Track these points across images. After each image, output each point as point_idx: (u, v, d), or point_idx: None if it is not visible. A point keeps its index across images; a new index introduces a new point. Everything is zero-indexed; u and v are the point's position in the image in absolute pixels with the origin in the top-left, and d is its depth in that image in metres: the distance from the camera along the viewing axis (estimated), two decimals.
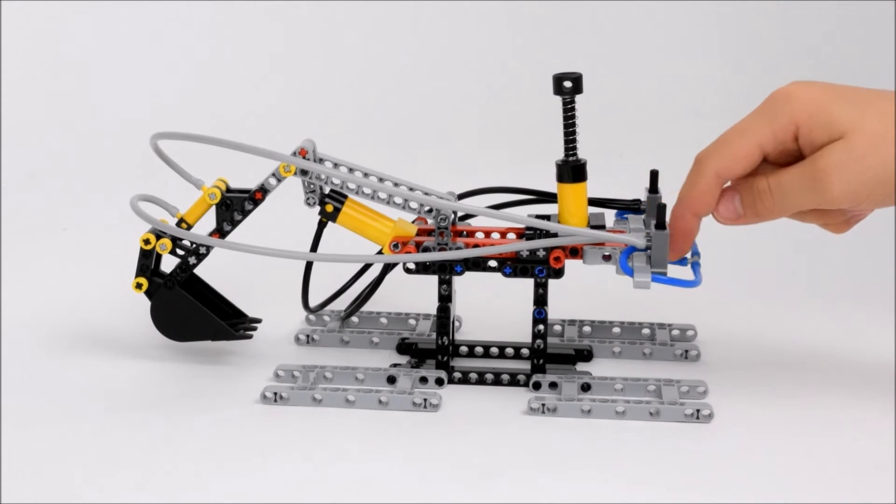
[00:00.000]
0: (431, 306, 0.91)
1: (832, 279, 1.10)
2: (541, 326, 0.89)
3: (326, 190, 0.90)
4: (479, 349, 0.94)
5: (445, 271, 0.88)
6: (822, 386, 0.89)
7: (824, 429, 0.83)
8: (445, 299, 0.89)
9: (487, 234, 0.90)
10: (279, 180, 0.88)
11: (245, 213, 0.89)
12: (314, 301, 0.97)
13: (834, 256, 1.16)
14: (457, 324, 0.98)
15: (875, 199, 0.79)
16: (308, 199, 0.89)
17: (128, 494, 0.75)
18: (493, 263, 0.87)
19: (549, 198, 0.91)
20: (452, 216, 0.88)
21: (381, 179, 0.90)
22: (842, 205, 0.79)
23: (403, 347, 0.95)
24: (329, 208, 0.89)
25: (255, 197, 0.89)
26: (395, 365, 0.92)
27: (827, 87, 0.80)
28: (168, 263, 0.92)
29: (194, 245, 0.90)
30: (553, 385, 0.88)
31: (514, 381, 0.90)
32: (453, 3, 1.61)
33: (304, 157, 0.87)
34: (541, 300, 0.88)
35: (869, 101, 0.79)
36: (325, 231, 0.92)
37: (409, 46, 1.61)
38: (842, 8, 1.66)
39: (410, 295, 1.01)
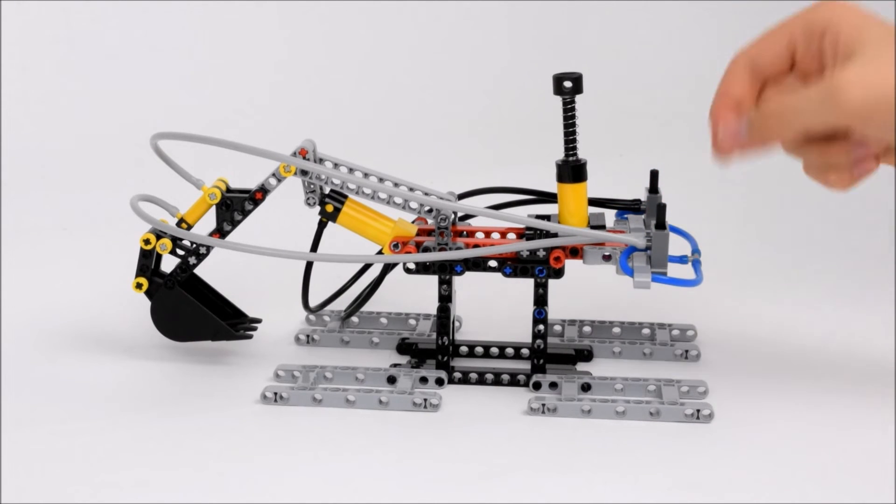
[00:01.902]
0: (431, 306, 0.91)
1: (832, 279, 1.10)
2: (541, 326, 0.89)
3: (326, 190, 0.90)
4: (479, 349, 0.94)
5: (445, 271, 0.88)
6: (822, 386, 0.89)
7: (824, 428, 0.83)
8: (445, 299, 0.89)
9: (487, 234, 0.90)
10: (279, 180, 0.88)
11: (245, 213, 0.89)
12: (314, 301, 0.97)
13: (834, 256, 1.16)
14: (457, 324, 0.98)
15: (888, 118, 0.75)
16: (308, 199, 0.89)
17: (128, 494, 0.75)
18: (493, 263, 0.87)
19: (549, 198, 0.91)
20: (452, 216, 0.88)
21: (381, 179, 0.90)
22: (854, 119, 0.75)
23: (403, 347, 0.95)
24: (329, 208, 0.89)
25: (255, 197, 0.89)
26: (395, 365, 0.92)
27: (866, 11, 0.79)
28: (168, 263, 0.92)
29: (194, 245, 0.90)
30: (553, 385, 0.88)
31: (514, 381, 0.90)
32: (454, 3, 1.61)
33: (304, 158, 0.87)
34: (541, 300, 0.88)
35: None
36: (326, 231, 0.92)
37: (410, 46, 1.61)
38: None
39: (410, 295, 1.01)
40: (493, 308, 1.01)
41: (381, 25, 1.60)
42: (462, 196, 0.92)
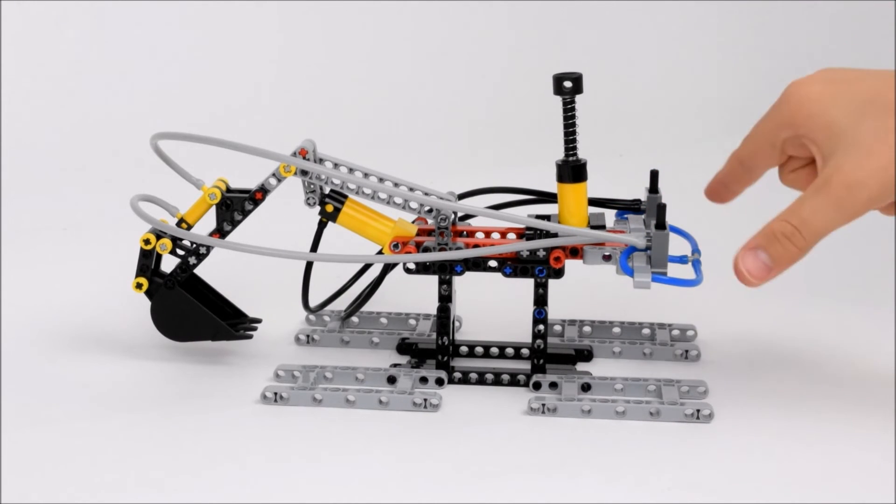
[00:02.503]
0: (431, 306, 0.91)
1: (833, 279, 1.10)
2: (541, 326, 0.89)
3: (326, 190, 0.90)
4: (479, 349, 0.94)
5: (445, 271, 0.88)
6: (822, 385, 0.89)
7: (824, 428, 0.83)
8: (445, 299, 0.89)
9: (487, 234, 0.90)
10: (279, 180, 0.88)
11: (245, 213, 0.89)
12: (314, 301, 0.97)
13: (834, 256, 1.16)
14: (457, 324, 0.98)
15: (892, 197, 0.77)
16: (308, 199, 0.89)
17: (128, 495, 0.75)
18: (493, 263, 0.87)
19: (549, 198, 0.91)
20: (452, 216, 0.88)
21: (381, 179, 0.90)
22: (872, 207, 0.77)
23: (403, 347, 0.95)
24: (329, 208, 0.89)
25: (256, 197, 0.89)
26: (395, 365, 0.92)
27: (826, 83, 0.79)
28: (168, 263, 0.92)
29: (194, 245, 0.90)
30: (553, 385, 0.88)
31: (514, 381, 0.90)
32: (454, 3, 1.61)
33: (304, 158, 0.87)
34: (541, 300, 0.88)
35: (866, 90, 0.78)
36: (326, 231, 0.92)
37: (410, 46, 1.61)
38: (842, 8, 1.66)
39: (410, 295, 1.01)
40: (493, 308, 1.01)
41: (381, 25, 1.60)
42: (462, 196, 0.92)
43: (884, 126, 0.76)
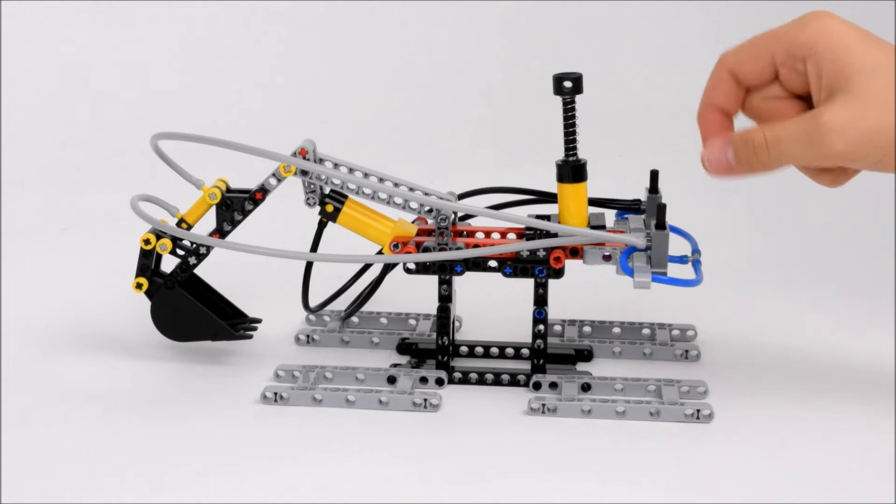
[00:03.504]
0: (431, 306, 0.91)
1: (833, 279, 1.10)
2: (541, 326, 0.89)
3: (326, 190, 0.90)
4: (479, 349, 0.94)
5: (445, 271, 0.88)
6: (822, 385, 0.89)
7: (824, 428, 0.83)
8: (445, 299, 0.89)
9: (487, 234, 0.90)
10: (279, 180, 0.88)
11: (245, 214, 0.89)
12: (314, 301, 0.97)
13: (834, 256, 1.16)
14: (457, 324, 0.98)
15: (872, 159, 0.76)
16: (308, 199, 0.89)
17: (128, 494, 0.75)
18: (493, 263, 0.87)
19: (549, 198, 0.91)
20: (452, 216, 0.88)
21: (381, 179, 0.90)
22: (839, 162, 0.77)
23: (403, 347, 0.95)
24: (329, 208, 0.89)
25: (256, 197, 0.89)
26: (395, 365, 0.92)
27: (856, 29, 0.78)
28: (168, 263, 0.92)
29: (194, 245, 0.90)
30: (553, 385, 0.88)
31: (514, 381, 0.90)
32: (454, 3, 1.61)
33: (304, 158, 0.87)
34: (541, 300, 0.88)
35: (888, 55, 0.77)
36: (326, 231, 0.92)
37: (410, 46, 1.61)
38: (842, 8, 1.66)
39: (410, 295, 1.01)
40: (493, 308, 1.01)
41: (381, 25, 1.60)
42: (462, 196, 0.92)
43: (888, 94, 0.76)
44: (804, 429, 0.83)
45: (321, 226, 0.92)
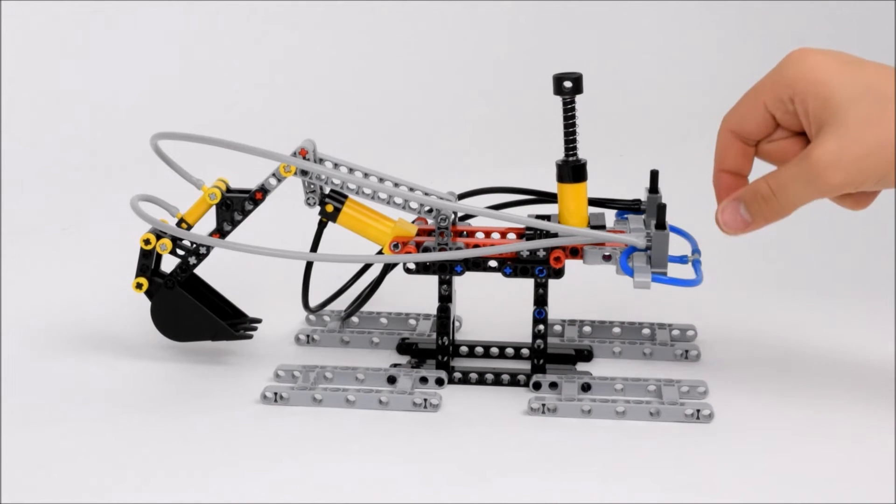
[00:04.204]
0: (431, 306, 0.91)
1: (833, 278, 1.10)
2: (541, 326, 0.89)
3: (327, 190, 0.90)
4: (479, 349, 0.94)
5: (445, 271, 0.88)
6: (822, 385, 0.89)
7: (824, 428, 0.83)
8: (445, 299, 0.89)
9: (487, 234, 0.90)
10: (279, 180, 0.88)
11: (245, 214, 0.89)
12: (314, 301, 0.97)
13: (834, 256, 1.16)
14: (457, 324, 0.98)
15: (873, 180, 0.78)
16: (308, 199, 0.89)
17: (128, 494, 0.75)
18: (493, 263, 0.87)
19: (549, 198, 0.91)
20: (452, 216, 0.88)
21: (381, 179, 0.90)
22: (843, 191, 0.78)
23: (403, 347, 0.95)
24: (329, 208, 0.89)
25: (256, 197, 0.89)
26: (395, 365, 0.92)
27: (834, 58, 0.79)
28: (168, 263, 0.92)
29: (194, 245, 0.90)
30: (553, 385, 0.88)
31: (514, 381, 0.90)
32: (454, 3, 1.61)
33: (304, 158, 0.87)
34: (541, 300, 0.88)
35: (871, 76, 0.78)
36: (326, 231, 0.92)
37: (410, 46, 1.61)
38: (842, 8, 1.66)
39: (410, 295, 1.01)
40: (493, 308, 1.01)
41: (381, 25, 1.60)
42: (462, 196, 0.92)
43: (876, 115, 0.77)
44: (804, 429, 0.83)
45: (321, 226, 0.92)
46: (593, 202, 0.89)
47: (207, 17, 1.55)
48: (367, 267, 0.99)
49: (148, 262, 0.90)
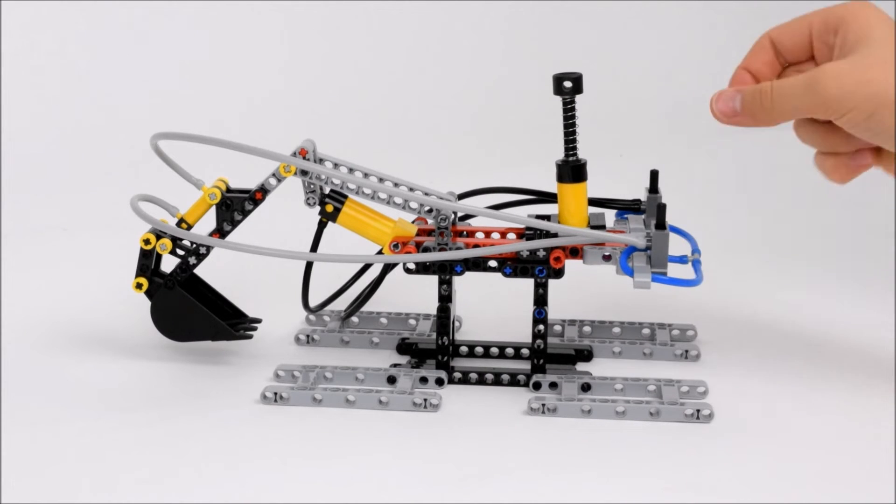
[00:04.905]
0: (431, 306, 0.91)
1: (833, 278, 1.10)
2: (541, 326, 0.89)
3: (326, 190, 0.90)
4: (479, 349, 0.94)
5: (445, 271, 0.88)
6: (822, 386, 0.89)
7: (824, 428, 0.83)
8: (445, 299, 0.89)
9: (487, 234, 0.90)
10: (279, 180, 0.88)
11: (245, 213, 0.89)
12: (314, 301, 0.97)
13: (834, 256, 1.16)
14: (457, 324, 0.98)
15: (863, 111, 0.79)
16: (308, 199, 0.89)
17: (128, 494, 0.75)
18: (493, 263, 0.87)
19: (549, 198, 0.91)
20: (452, 216, 0.88)
21: (381, 179, 0.90)
22: (830, 109, 0.80)
23: (403, 347, 0.95)
24: (329, 208, 0.89)
25: (255, 197, 0.89)
26: (395, 365, 0.92)
27: (889, 19, 0.82)
28: (168, 263, 0.92)
29: (194, 245, 0.90)
30: (553, 385, 0.88)
31: (514, 381, 0.90)
32: (454, 3, 1.61)
33: (304, 158, 0.87)
34: (541, 300, 0.88)
35: None
36: (326, 231, 0.92)
37: (409, 46, 1.61)
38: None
39: (410, 295, 1.01)
40: (493, 308, 1.01)
41: (381, 25, 1.60)
42: (462, 196, 0.92)
43: (892, 59, 0.79)
44: (804, 428, 0.83)
45: (321, 226, 0.92)
46: (593, 202, 0.89)
47: (208, 17, 1.55)
48: (366, 267, 0.99)
49: (148, 262, 0.90)
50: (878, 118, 0.79)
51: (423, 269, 0.88)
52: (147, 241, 0.90)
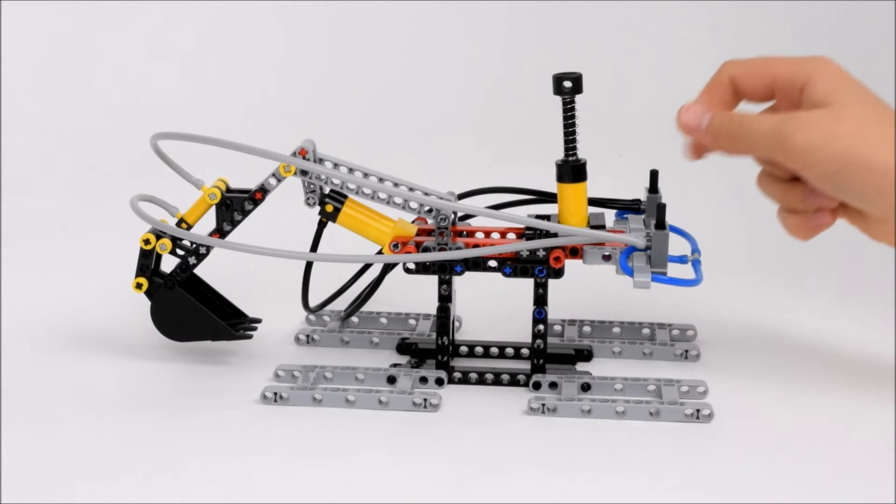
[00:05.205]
0: (431, 306, 0.91)
1: (833, 278, 1.10)
2: (541, 326, 0.89)
3: (326, 190, 0.90)
4: (479, 349, 0.94)
5: (445, 271, 0.88)
6: (822, 385, 0.89)
7: (824, 428, 0.83)
8: (445, 299, 0.89)
9: (487, 234, 0.90)
10: (279, 180, 0.88)
11: (245, 213, 0.89)
12: (314, 301, 0.97)
13: (835, 256, 1.16)
14: (457, 324, 0.98)
15: (828, 167, 0.79)
16: (308, 199, 0.89)
17: (128, 494, 0.75)
18: (493, 263, 0.87)
19: (549, 198, 0.91)
20: (452, 216, 0.88)
21: (381, 179, 0.90)
22: (795, 158, 0.79)
23: (403, 347, 0.95)
24: (329, 208, 0.89)
25: (255, 197, 0.89)
26: (395, 365, 0.92)
27: (854, 78, 0.82)
28: (168, 263, 0.92)
29: (194, 245, 0.90)
30: (553, 385, 0.88)
31: (514, 381, 0.90)
32: (454, 3, 1.61)
33: (304, 158, 0.87)
34: (541, 300, 0.88)
35: (880, 103, 0.81)
36: (326, 231, 0.92)
37: (409, 46, 1.61)
38: (842, 8, 1.66)
39: (410, 295, 1.01)
40: (493, 308, 1.01)
41: (380, 25, 1.60)
42: (462, 196, 0.92)
43: (869, 123, 0.79)
44: (804, 428, 0.83)
45: (321, 226, 0.92)
46: (593, 202, 0.89)
47: (208, 16, 1.55)
48: (366, 267, 0.99)
49: (148, 262, 0.90)
50: (845, 176, 0.79)
51: (422, 269, 0.88)
52: (147, 241, 0.90)
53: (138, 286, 0.90)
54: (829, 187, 0.81)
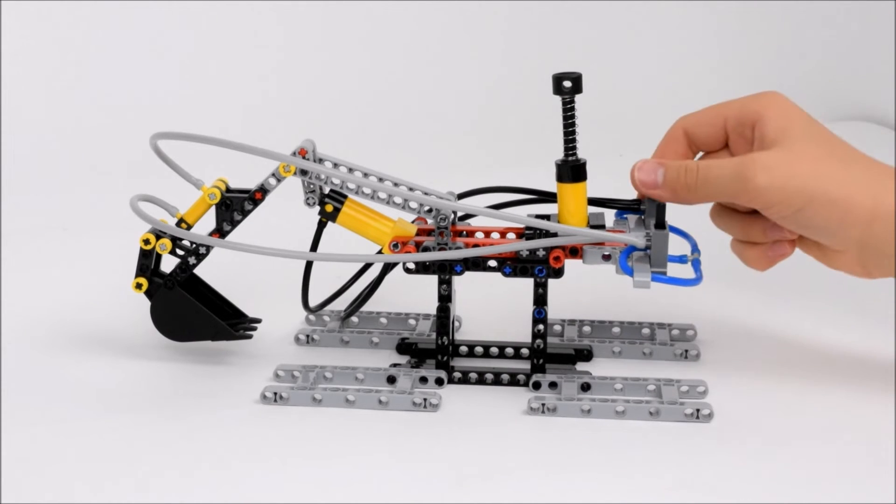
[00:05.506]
0: (431, 306, 0.91)
1: (833, 278, 1.10)
2: (541, 326, 0.89)
3: (326, 190, 0.90)
4: (479, 349, 0.94)
5: (445, 271, 0.88)
6: (822, 385, 0.89)
7: (824, 428, 0.83)
8: (445, 299, 0.89)
9: (487, 233, 0.90)
10: (279, 180, 0.88)
11: (245, 213, 0.89)
12: (314, 301, 0.97)
13: None
14: (457, 324, 0.98)
15: (790, 205, 0.80)
16: (308, 199, 0.89)
17: (127, 494, 0.75)
18: (492, 263, 0.87)
19: (549, 198, 0.91)
20: (452, 216, 0.88)
21: (380, 179, 0.90)
22: (758, 199, 0.80)
23: (403, 347, 0.95)
24: (329, 208, 0.89)
25: (255, 197, 0.89)
26: (395, 365, 0.92)
27: (802, 111, 0.84)
28: (168, 263, 0.92)
29: (194, 245, 0.90)
30: (553, 385, 0.88)
31: (514, 381, 0.90)
32: (454, 3, 1.61)
33: (303, 157, 0.87)
34: (541, 300, 0.88)
35: (831, 137, 0.83)
36: (326, 231, 0.92)
37: (409, 46, 1.61)
38: (841, 8, 1.66)
39: (410, 295, 1.01)
40: (493, 308, 1.01)
41: (380, 24, 1.60)
42: (462, 196, 0.92)
43: (824, 161, 0.81)
44: (804, 428, 0.83)
45: (321, 226, 0.92)
46: (593, 202, 0.89)
47: (208, 16, 1.55)
48: (366, 267, 0.99)
49: (148, 262, 0.90)
50: (808, 213, 0.80)
51: (422, 268, 0.88)
52: (147, 241, 0.90)
53: (138, 286, 0.90)
54: (792, 224, 0.82)
